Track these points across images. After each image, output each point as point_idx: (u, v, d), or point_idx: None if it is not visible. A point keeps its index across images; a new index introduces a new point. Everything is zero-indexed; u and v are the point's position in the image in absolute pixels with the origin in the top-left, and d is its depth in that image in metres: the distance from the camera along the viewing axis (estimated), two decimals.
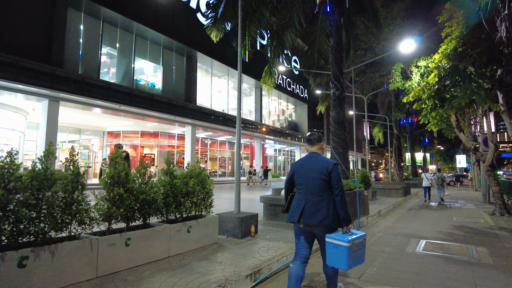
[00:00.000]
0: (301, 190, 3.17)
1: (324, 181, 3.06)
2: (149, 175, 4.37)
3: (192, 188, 4.88)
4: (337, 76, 8.80)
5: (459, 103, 7.65)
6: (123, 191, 3.81)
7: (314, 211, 3.03)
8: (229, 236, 5.63)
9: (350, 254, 2.84)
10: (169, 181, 4.68)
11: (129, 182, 3.96)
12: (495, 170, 11.27)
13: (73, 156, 3.54)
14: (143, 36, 22.84)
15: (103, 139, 27.47)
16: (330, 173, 3.06)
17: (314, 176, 3.10)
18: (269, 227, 6.75)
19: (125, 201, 3.83)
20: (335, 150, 8.48)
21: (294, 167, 3.34)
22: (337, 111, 8.63)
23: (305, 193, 3.12)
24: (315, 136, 3.37)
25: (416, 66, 11.64)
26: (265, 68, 11.56)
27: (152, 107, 21.44)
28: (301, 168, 3.24)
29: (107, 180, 3.85)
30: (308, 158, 3.28)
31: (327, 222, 2.99)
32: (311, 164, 3.19)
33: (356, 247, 2.91)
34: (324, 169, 3.09)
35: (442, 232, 7.34)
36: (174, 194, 4.64)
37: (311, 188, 3.10)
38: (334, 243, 2.92)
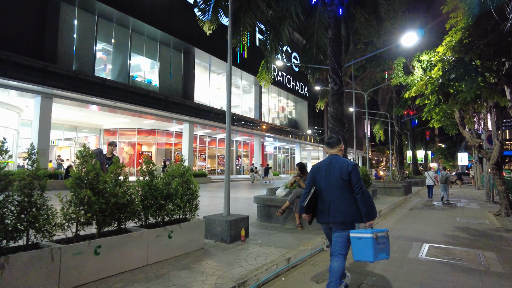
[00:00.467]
0: (324, 191, 3.33)
1: (345, 181, 3.24)
2: (125, 175, 3.96)
3: (174, 190, 4.48)
4: (335, 70, 8.36)
5: (464, 98, 7.21)
6: (91, 193, 3.40)
7: (338, 208, 3.21)
8: (217, 241, 5.23)
9: (375, 245, 2.98)
10: (147, 182, 4.26)
11: (99, 183, 3.55)
12: (501, 168, 10.83)
13: (32, 155, 3.12)
14: (140, 32, 22.40)
15: (100, 137, 27.09)
16: (350, 173, 3.23)
17: (336, 177, 3.28)
18: (262, 230, 6.35)
19: (93, 204, 3.42)
20: None
21: (314, 169, 3.52)
22: (336, 107, 8.19)
23: (328, 193, 3.30)
24: (334, 139, 3.55)
25: (418, 60, 11.19)
26: (261, 63, 11.12)
27: (148, 104, 21.03)
28: (323, 170, 3.41)
29: (74, 181, 3.44)
30: (329, 161, 3.43)
31: (349, 218, 3.18)
32: (332, 166, 3.36)
33: (380, 239, 3.04)
34: (344, 170, 3.25)
35: (446, 235, 6.93)
36: (153, 196, 4.23)
37: (334, 188, 3.27)
38: (357, 236, 3.06)
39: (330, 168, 3.36)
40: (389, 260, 4.89)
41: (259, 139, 34.73)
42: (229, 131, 5.77)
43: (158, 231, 4.16)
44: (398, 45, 10.67)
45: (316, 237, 5.69)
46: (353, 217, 3.18)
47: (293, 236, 5.82)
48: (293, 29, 11.44)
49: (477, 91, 7.09)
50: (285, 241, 5.38)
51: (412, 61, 11.66)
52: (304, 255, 4.75)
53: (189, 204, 4.75)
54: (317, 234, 5.99)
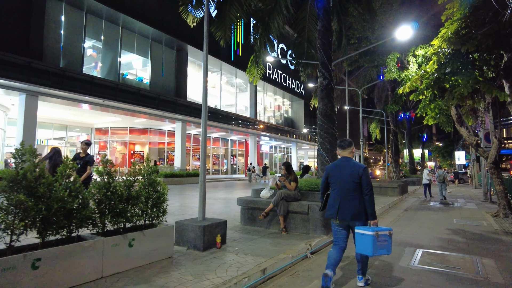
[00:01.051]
0: (336, 190, 3.70)
1: (356, 182, 3.58)
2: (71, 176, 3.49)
3: (136, 193, 4.01)
4: (325, 64, 7.89)
5: (461, 93, 6.77)
6: (26, 198, 2.93)
7: (348, 207, 3.56)
8: (190, 248, 4.76)
9: (374, 242, 3.32)
10: (104, 184, 3.79)
11: (40, 186, 3.08)
12: (499, 167, 10.42)
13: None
14: (130, 29, 21.87)
15: (91, 136, 26.54)
16: (360, 176, 3.57)
17: (347, 178, 3.62)
18: (243, 235, 5.88)
19: (30, 211, 2.95)
20: (322, 146, 7.59)
21: (328, 170, 3.86)
22: (325, 103, 7.73)
23: (339, 193, 3.65)
24: (346, 142, 3.87)
25: (413, 55, 10.76)
26: (251, 57, 10.65)
27: (138, 102, 20.52)
28: (335, 171, 3.76)
29: (7, 184, 2.96)
30: (341, 162, 3.79)
31: (358, 216, 3.55)
32: (344, 168, 3.71)
33: (381, 237, 3.37)
34: (355, 172, 3.60)
35: (442, 239, 6.49)
36: (110, 199, 3.76)
37: (344, 189, 3.62)
38: (361, 232, 3.44)
39: (342, 170, 3.71)
40: (377, 268, 4.46)
41: (254, 138, 34.27)
42: (205, 125, 5.31)
43: (116, 239, 3.69)
44: (392, 39, 10.22)
45: (300, 243, 5.23)
46: (360, 216, 3.55)
47: (275, 242, 5.36)
48: (284, 23, 10.98)
49: (474, 85, 6.65)
50: (265, 248, 4.92)
51: (407, 56, 11.22)
52: (283, 264, 4.29)
53: (156, 208, 4.28)
54: (302, 239, 5.54)
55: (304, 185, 6.72)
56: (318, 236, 5.77)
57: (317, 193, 6.42)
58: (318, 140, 7.74)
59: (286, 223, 6.14)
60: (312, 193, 6.48)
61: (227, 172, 34.43)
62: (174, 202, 11.07)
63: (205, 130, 5.34)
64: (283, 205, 6.01)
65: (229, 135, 33.16)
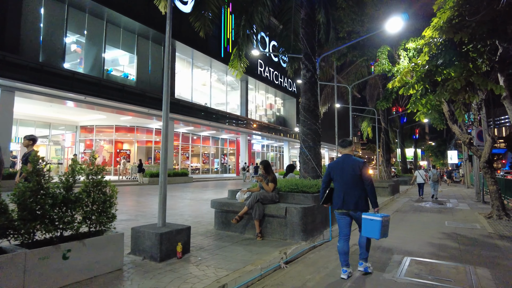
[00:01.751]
0: (339, 184, 4.10)
1: (357, 176, 3.98)
2: None
3: (75, 197, 3.41)
4: (308, 55, 7.34)
5: (453, 86, 6.26)
6: None
7: (350, 198, 3.98)
8: (146, 258, 4.17)
9: (381, 227, 3.70)
10: (31, 186, 3.17)
11: None
12: (492, 166, 9.97)
13: None
14: (115, 23, 21.12)
15: (76, 134, 25.75)
16: (361, 169, 3.99)
17: (349, 172, 4.02)
18: (214, 241, 5.30)
19: None
20: (305, 143, 7.03)
21: (330, 166, 4.26)
22: (308, 97, 7.17)
23: (342, 186, 4.06)
24: (346, 142, 4.29)
25: (404, 49, 10.25)
26: (233, 50, 10.07)
27: (123, 99, 19.82)
28: (337, 167, 4.15)
29: None
30: (343, 159, 4.18)
31: (360, 206, 3.97)
32: (345, 164, 4.10)
33: (385, 223, 3.77)
34: (357, 167, 4.01)
35: (432, 244, 5.97)
36: (39, 204, 3.15)
37: (347, 182, 4.03)
38: (369, 218, 3.79)
39: (343, 166, 4.11)
40: (358, 283, 3.91)
41: (246, 137, 33.69)
42: (166, 117, 4.73)
43: (44, 251, 3.09)
44: (382, 31, 9.70)
45: (273, 251, 4.67)
46: (362, 206, 3.98)
47: (247, 249, 4.79)
48: (269, 14, 10.44)
49: (468, 78, 6.14)
50: (234, 257, 4.35)
51: (397, 50, 10.71)
52: (249, 277, 3.72)
53: (103, 213, 3.69)
54: (278, 246, 4.97)
55: (284, 186, 6.16)
56: (296, 242, 5.21)
57: (297, 194, 5.86)
58: (300, 137, 7.19)
59: (262, 227, 5.57)
60: (292, 194, 5.92)
61: (218, 171, 33.80)
62: (153, 204, 10.46)
63: (167, 122, 4.77)
64: (258, 208, 5.44)
65: (219, 133, 32.52)
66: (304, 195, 5.79)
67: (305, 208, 5.37)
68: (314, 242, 5.53)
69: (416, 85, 7.23)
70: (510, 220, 8.83)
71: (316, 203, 5.76)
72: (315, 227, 5.70)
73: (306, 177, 6.87)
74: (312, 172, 6.91)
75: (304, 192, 5.88)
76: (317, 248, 5.47)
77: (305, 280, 3.91)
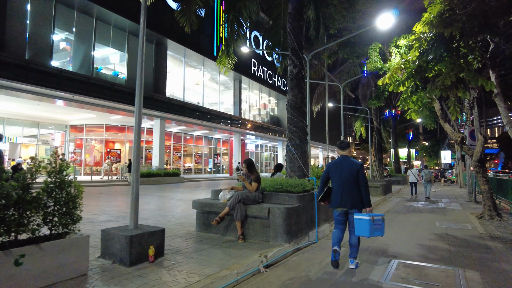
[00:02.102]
0: (336, 183, 4.35)
1: (353, 177, 4.25)
2: None
3: (31, 197, 3.13)
4: (295, 50, 7.10)
5: (444, 83, 6.06)
6: None
7: (347, 197, 4.25)
8: (116, 262, 3.90)
9: (371, 226, 4.00)
10: None
11: None
12: (484, 166, 9.81)
13: None
14: (105, 21, 20.74)
15: (66, 133, 25.32)
16: (358, 171, 4.27)
17: (346, 173, 4.28)
18: (193, 244, 5.04)
19: None
20: (291, 141, 6.78)
21: (329, 166, 4.49)
22: (295, 93, 6.93)
23: (340, 186, 4.31)
24: (344, 144, 4.51)
25: (395, 46, 10.07)
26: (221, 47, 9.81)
27: (112, 97, 19.46)
28: (336, 167, 4.40)
29: None
30: (341, 160, 4.42)
31: (356, 204, 4.24)
32: (343, 165, 4.36)
33: (376, 222, 4.05)
34: (353, 168, 4.29)
35: (422, 246, 5.76)
36: None
37: (344, 182, 4.28)
38: (359, 218, 4.11)
39: (341, 166, 4.36)
40: (343, 285, 3.68)
41: (239, 137, 33.42)
42: (139, 112, 4.46)
43: None
44: (373, 28, 9.50)
45: (254, 254, 4.42)
46: (357, 204, 4.23)
47: (226, 252, 4.53)
48: (258, 9, 10.19)
49: (458, 73, 5.94)
50: (210, 261, 4.09)
51: (389, 47, 10.52)
52: (223, 283, 3.46)
53: (67, 215, 3.41)
54: (259, 249, 4.73)
55: (269, 186, 5.91)
56: (279, 244, 4.96)
57: (281, 194, 5.62)
58: (287, 135, 6.94)
59: (244, 229, 5.32)
60: (276, 194, 5.67)
61: (211, 171, 33.48)
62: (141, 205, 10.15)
63: (139, 117, 4.48)
64: (240, 209, 5.18)
65: (212, 133, 32.22)
66: (289, 195, 5.54)
67: (289, 208, 5.13)
68: (299, 244, 5.29)
69: (406, 81, 7.02)
70: (502, 220, 8.68)
71: (301, 203, 5.52)
72: (300, 228, 5.46)
73: (293, 176, 6.62)
74: (299, 171, 6.67)
75: (288, 192, 5.63)
76: (301, 251, 5.23)
77: (284, 286, 3.66)
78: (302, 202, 5.56)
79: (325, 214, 6.71)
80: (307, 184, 5.99)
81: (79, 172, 24.18)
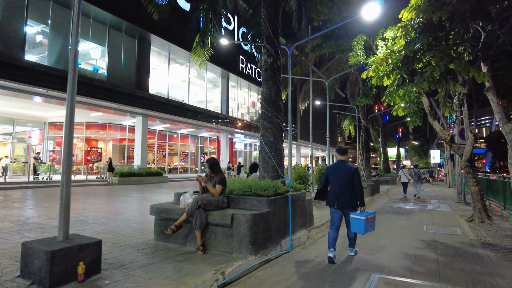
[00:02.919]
0: (334, 184, 4.90)
1: (349, 179, 4.81)
2: None
3: None
4: (270, 38, 6.44)
5: (432, 74, 5.47)
6: None
7: (344, 198, 4.80)
8: (35, 283, 3.19)
9: (366, 224, 4.59)
10: None
11: None
12: (474, 166, 9.31)
13: None
14: (84, 13, 19.74)
15: (44, 131, 24.27)
16: (353, 174, 4.83)
17: (343, 176, 4.84)
18: (143, 257, 4.34)
19: None
20: (265, 138, 6.12)
21: (329, 169, 5.09)
22: (269, 86, 6.27)
23: (337, 187, 4.87)
24: (341, 149, 5.16)
25: (382, 38, 9.49)
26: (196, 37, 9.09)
27: (90, 93, 18.57)
28: (334, 171, 4.97)
29: None
30: (339, 164, 5.01)
31: (351, 204, 4.79)
32: (340, 168, 4.93)
33: (370, 220, 4.69)
34: (350, 172, 4.84)
35: (407, 255, 5.16)
36: None
37: (341, 184, 4.84)
38: (356, 217, 4.66)
39: (339, 170, 4.90)
40: None
41: (226, 135, 32.69)
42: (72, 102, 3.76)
43: None
44: (359, 17, 8.90)
45: (209, 270, 3.74)
46: (352, 204, 4.79)
47: (177, 268, 3.85)
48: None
49: (448, 63, 5.35)
50: (153, 281, 3.40)
51: (375, 40, 9.94)
52: None
53: None
54: (218, 262, 4.05)
55: (238, 188, 5.24)
56: (243, 257, 4.30)
57: (249, 198, 4.96)
58: (260, 131, 6.27)
59: (205, 238, 4.64)
60: (244, 198, 5.01)
61: (197, 170, 32.69)
62: (108, 207, 9.42)
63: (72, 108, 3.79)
64: (199, 216, 4.50)
65: (199, 131, 31.43)
66: (258, 199, 4.88)
67: (256, 215, 4.47)
68: (268, 255, 4.64)
69: (392, 74, 6.42)
70: (492, 223, 8.17)
71: (272, 208, 4.87)
72: (269, 237, 4.80)
73: (266, 177, 5.97)
74: (272, 172, 6.01)
75: (258, 196, 4.97)
76: (270, 263, 4.58)
77: None
78: (273, 207, 4.91)
79: (302, 219, 6.07)
80: (280, 186, 5.33)
81: (58, 171, 23.21)
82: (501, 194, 10.05)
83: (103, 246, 4.52)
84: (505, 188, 9.48)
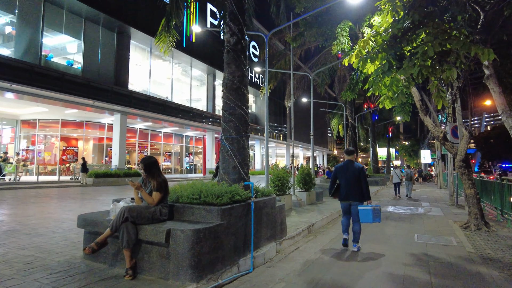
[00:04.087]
0: (343, 182, 5.58)
1: (356, 177, 5.48)
2: None
3: None
4: (234, 14, 5.44)
5: (424, 56, 4.53)
6: None
7: (352, 193, 5.47)
8: None
9: (373, 214, 5.21)
10: None
11: None
12: (469, 166, 8.43)
13: None
14: (57, 4, 18.53)
15: (16, 129, 22.90)
16: (360, 172, 5.49)
17: (351, 174, 5.51)
18: (55, 283, 3.30)
19: None
20: (226, 133, 5.10)
21: (337, 169, 5.80)
22: (231, 70, 5.26)
23: (346, 184, 5.54)
24: (349, 150, 5.85)
25: (369, 25, 8.57)
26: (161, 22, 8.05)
27: (63, 89, 17.36)
28: (343, 170, 5.64)
29: None
30: (346, 164, 5.66)
31: (358, 198, 5.46)
32: (348, 168, 5.60)
33: (376, 210, 5.28)
34: (357, 170, 5.52)
35: (394, 277, 4.20)
36: None
37: (349, 181, 5.51)
38: (363, 208, 5.29)
39: (347, 169, 5.60)
40: None
41: (213, 134, 31.57)
42: None
43: None
44: (342, 1, 7.94)
45: None
46: (358, 198, 5.44)
47: None
48: None
49: (444, 42, 4.41)
50: None
51: (361, 27, 9.01)
52: None
53: None
54: None
55: (185, 196, 4.22)
56: (182, 285, 3.29)
57: (197, 208, 3.95)
58: (221, 125, 5.27)
59: (137, 259, 3.62)
60: (191, 208, 4.00)
61: (183, 171, 31.56)
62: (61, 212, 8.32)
63: None
64: (126, 231, 3.48)
65: (184, 130, 30.29)
66: (208, 209, 3.88)
67: (200, 230, 3.46)
68: (218, 280, 3.63)
69: (377, 58, 5.46)
70: (490, 231, 7.30)
71: (225, 220, 3.86)
72: (221, 256, 3.80)
73: (226, 179, 4.98)
74: (234, 174, 5.01)
75: (208, 204, 3.97)
76: None
77: None
78: (227, 219, 3.91)
79: (270, 230, 5.07)
80: (240, 191, 4.33)
81: (32, 171, 21.90)
82: (497, 197, 9.21)
83: (10, 269, 3.54)
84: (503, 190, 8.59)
